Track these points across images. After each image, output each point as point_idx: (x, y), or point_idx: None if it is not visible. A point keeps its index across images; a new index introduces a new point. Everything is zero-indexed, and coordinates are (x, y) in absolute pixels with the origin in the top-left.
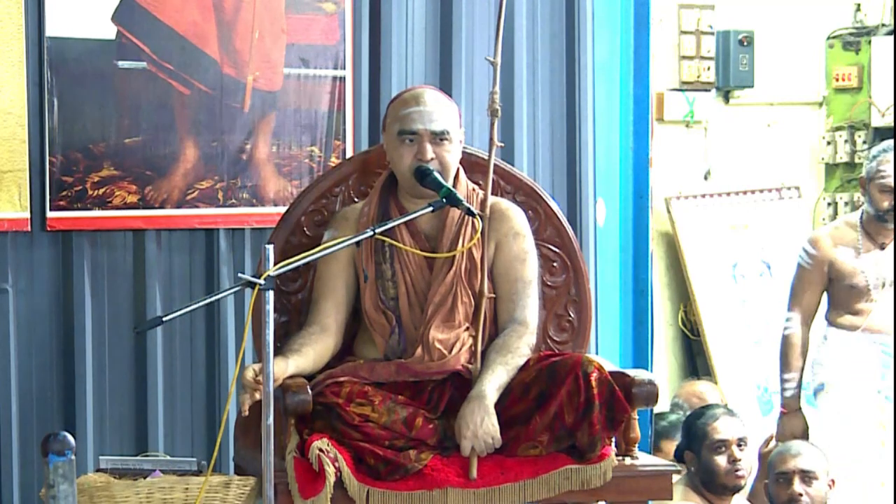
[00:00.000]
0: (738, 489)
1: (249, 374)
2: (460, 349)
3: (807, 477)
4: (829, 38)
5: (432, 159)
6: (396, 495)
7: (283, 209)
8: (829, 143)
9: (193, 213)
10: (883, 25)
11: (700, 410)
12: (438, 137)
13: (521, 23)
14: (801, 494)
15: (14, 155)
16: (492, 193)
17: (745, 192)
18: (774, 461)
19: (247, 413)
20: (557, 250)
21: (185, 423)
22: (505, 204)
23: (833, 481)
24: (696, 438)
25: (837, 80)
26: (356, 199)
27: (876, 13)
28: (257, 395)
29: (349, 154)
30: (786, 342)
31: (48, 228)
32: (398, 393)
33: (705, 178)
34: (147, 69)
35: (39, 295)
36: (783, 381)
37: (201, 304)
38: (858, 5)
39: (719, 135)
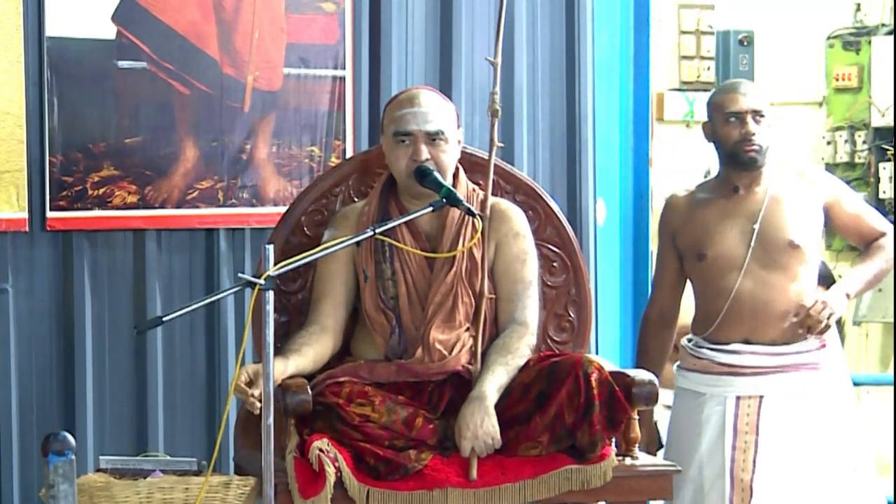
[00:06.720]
0: None
1: (242, 378)
2: (461, 350)
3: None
4: (829, 38)
5: (427, 160)
6: (396, 495)
7: (283, 209)
8: (829, 143)
9: (193, 213)
10: (883, 25)
11: None
12: (432, 138)
13: (521, 23)
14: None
15: (12, 155)
16: (492, 193)
17: None
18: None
19: (257, 411)
20: (557, 250)
21: (185, 423)
22: (505, 204)
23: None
24: None
25: (837, 80)
26: (356, 199)
27: (876, 13)
28: (256, 399)
29: (349, 154)
30: None
31: (48, 228)
32: (398, 393)
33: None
34: (147, 69)
35: (39, 295)
36: None
37: (201, 304)
38: (858, 5)
39: None
